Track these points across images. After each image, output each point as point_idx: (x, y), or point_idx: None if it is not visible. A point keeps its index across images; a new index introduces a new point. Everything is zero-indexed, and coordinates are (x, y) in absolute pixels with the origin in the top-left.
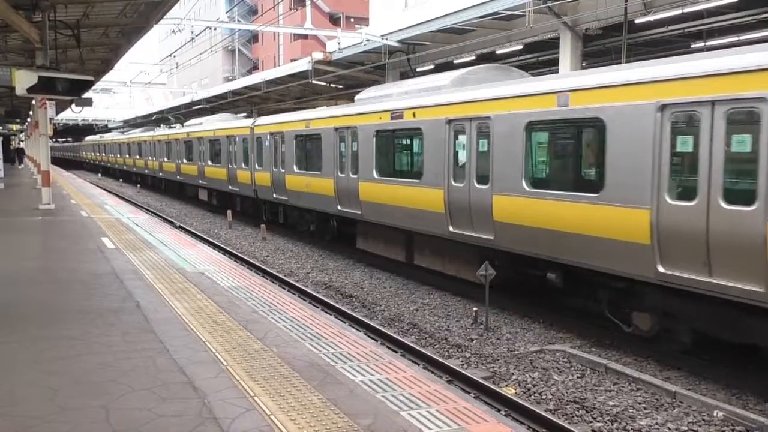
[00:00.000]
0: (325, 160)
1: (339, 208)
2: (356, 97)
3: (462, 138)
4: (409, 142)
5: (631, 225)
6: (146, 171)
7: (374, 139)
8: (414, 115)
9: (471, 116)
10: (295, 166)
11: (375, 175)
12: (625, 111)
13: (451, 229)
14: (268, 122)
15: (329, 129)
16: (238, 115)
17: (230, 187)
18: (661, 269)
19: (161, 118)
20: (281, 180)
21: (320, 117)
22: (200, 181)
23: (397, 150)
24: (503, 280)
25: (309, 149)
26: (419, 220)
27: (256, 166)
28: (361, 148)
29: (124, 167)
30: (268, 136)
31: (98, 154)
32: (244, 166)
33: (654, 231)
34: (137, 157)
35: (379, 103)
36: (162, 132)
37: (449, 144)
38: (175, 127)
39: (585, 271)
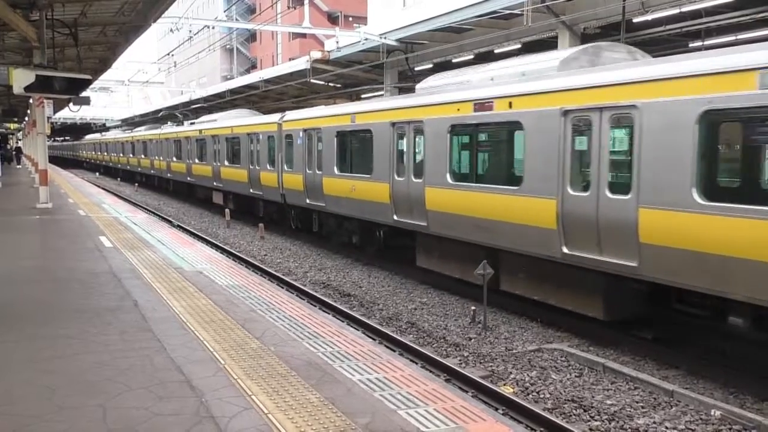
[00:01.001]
0: (378, 160)
1: (395, 217)
2: (418, 87)
3: (585, 133)
4: (501, 138)
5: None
6: (152, 171)
7: (449, 135)
8: (510, 105)
9: (603, 105)
10: (335, 168)
11: (449, 179)
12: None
13: (565, 250)
14: (300, 117)
15: (383, 124)
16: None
17: (251, 190)
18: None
19: (168, 115)
20: (317, 183)
21: (371, 110)
22: (215, 183)
23: (482, 148)
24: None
25: (355, 148)
26: (516, 238)
27: (285, 168)
28: (428, 146)
29: (128, 167)
30: (301, 133)
31: (99, 153)
32: (269, 167)
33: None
34: (142, 156)
35: (454, 92)
36: (170, 129)
37: (565, 141)
38: (182, 124)
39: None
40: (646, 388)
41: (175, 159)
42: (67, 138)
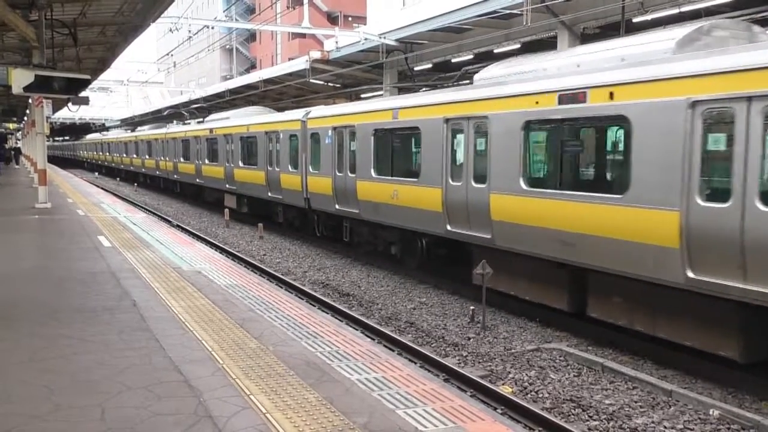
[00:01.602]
0: (427, 162)
1: (449, 227)
2: (477, 77)
3: (723, 131)
4: (596, 136)
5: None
6: (157, 173)
7: (522, 132)
8: (611, 97)
9: (754, 94)
10: (372, 171)
11: (522, 185)
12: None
13: (690, 274)
14: (328, 114)
15: (434, 121)
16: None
17: (270, 194)
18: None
19: (174, 113)
20: (349, 188)
21: (418, 105)
22: (227, 186)
23: (570, 148)
24: None
25: (397, 148)
26: (616, 256)
27: (310, 169)
28: (495, 146)
29: (131, 168)
30: (330, 132)
31: (100, 153)
32: (291, 169)
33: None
34: (146, 157)
35: (530, 82)
36: (177, 129)
37: (689, 140)
38: (189, 123)
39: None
40: (644, 387)
41: (182, 160)
42: (66, 138)
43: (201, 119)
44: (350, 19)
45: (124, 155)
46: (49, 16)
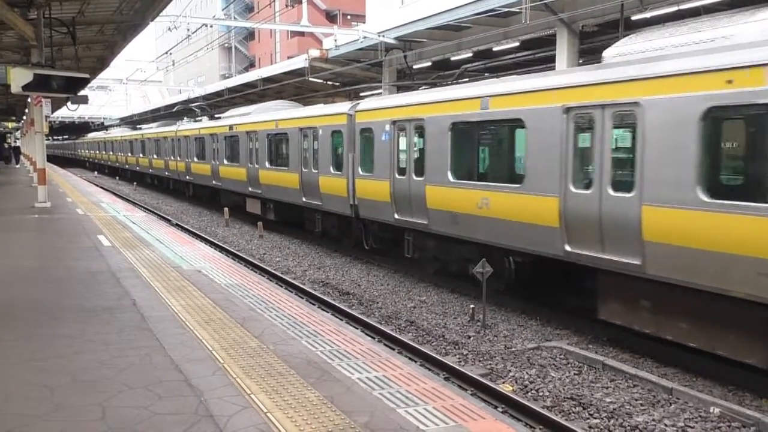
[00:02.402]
0: (536, 163)
1: (568, 247)
2: (607, 54)
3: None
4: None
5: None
6: (166, 174)
7: (700, 124)
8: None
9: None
10: (450, 173)
11: (700, 195)
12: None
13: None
14: (386, 105)
15: (548, 111)
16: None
17: (304, 199)
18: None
19: (184, 110)
20: (415, 194)
21: (522, 91)
22: (250, 189)
23: None
24: None
25: (487, 145)
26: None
27: (360, 171)
28: (651, 143)
29: (137, 168)
30: (388, 126)
31: (103, 152)
32: (333, 171)
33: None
34: (154, 156)
35: (712, 55)
36: (189, 126)
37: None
38: (200, 120)
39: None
40: (645, 385)
41: (196, 159)
42: (66, 136)
43: (216, 115)
44: (349, 17)
45: (129, 154)
46: (48, 14)
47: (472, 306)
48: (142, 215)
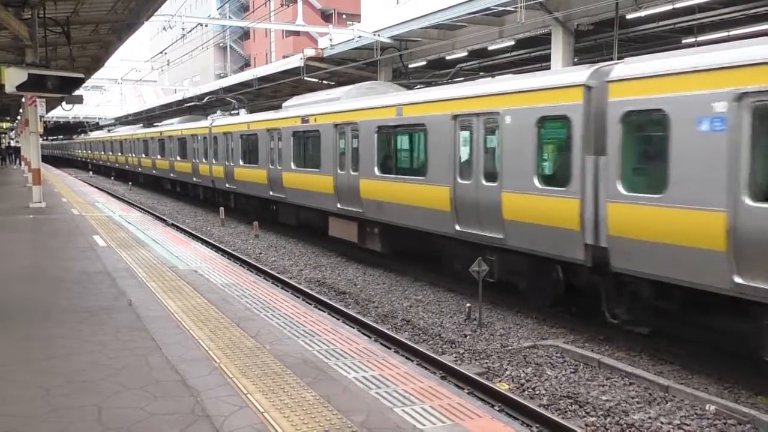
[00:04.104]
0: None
1: (458, 227)
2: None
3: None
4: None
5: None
6: (194, 180)
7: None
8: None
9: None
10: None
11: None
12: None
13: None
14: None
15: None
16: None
17: (459, 227)
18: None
19: (213, 100)
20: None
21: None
22: (340, 206)
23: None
24: None
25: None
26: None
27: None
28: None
29: (153, 172)
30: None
31: (109, 153)
32: (543, 186)
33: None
34: (177, 158)
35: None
36: (231, 120)
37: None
38: (237, 113)
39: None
40: (641, 383)
41: (242, 163)
42: (62, 136)
43: (288, 104)
44: (344, 16)
45: (143, 156)
46: (42, 14)
47: (468, 305)
48: (138, 215)
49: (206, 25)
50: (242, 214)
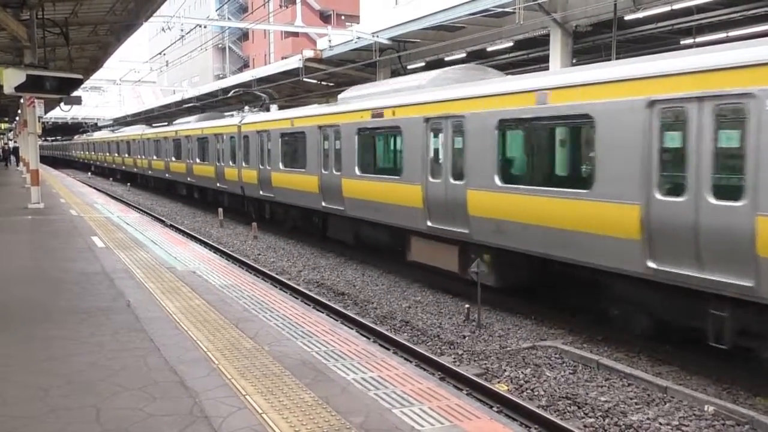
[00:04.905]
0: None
1: (429, 223)
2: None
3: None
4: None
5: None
6: (219, 185)
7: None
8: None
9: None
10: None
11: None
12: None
13: (429, 223)
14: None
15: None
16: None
17: (654, 264)
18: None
19: (241, 93)
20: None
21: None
22: (431, 224)
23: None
24: None
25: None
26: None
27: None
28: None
29: (166, 176)
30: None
31: (113, 155)
32: None
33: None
34: (196, 161)
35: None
36: (267, 117)
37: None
38: (265, 108)
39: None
40: (639, 384)
41: (282, 167)
42: (60, 137)
43: (349, 94)
44: (343, 17)
45: (153, 158)
46: (41, 15)
47: (467, 306)
48: (136, 216)
49: (205, 26)
50: (275, 225)
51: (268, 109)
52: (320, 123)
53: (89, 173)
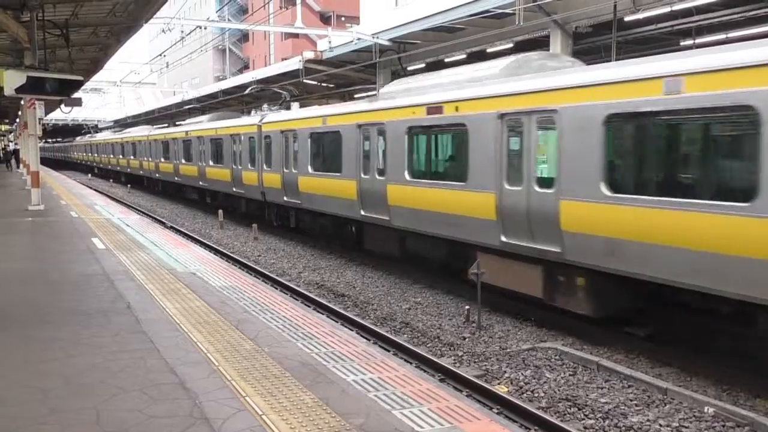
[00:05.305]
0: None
1: (363, 212)
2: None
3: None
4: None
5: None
6: (234, 190)
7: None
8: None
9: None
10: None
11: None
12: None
13: (362, 212)
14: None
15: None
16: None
17: None
18: (361, 212)
19: (259, 91)
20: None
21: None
22: (503, 239)
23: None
24: None
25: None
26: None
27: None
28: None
29: (175, 179)
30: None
31: (117, 157)
32: None
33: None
34: (209, 163)
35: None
36: (289, 115)
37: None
38: (286, 106)
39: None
40: (639, 386)
41: (312, 171)
42: (61, 138)
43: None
44: (343, 18)
45: (161, 160)
46: (41, 17)
47: (467, 307)
48: (137, 218)
49: (205, 28)
50: (274, 227)
51: (288, 108)
52: (360, 121)
53: (89, 175)
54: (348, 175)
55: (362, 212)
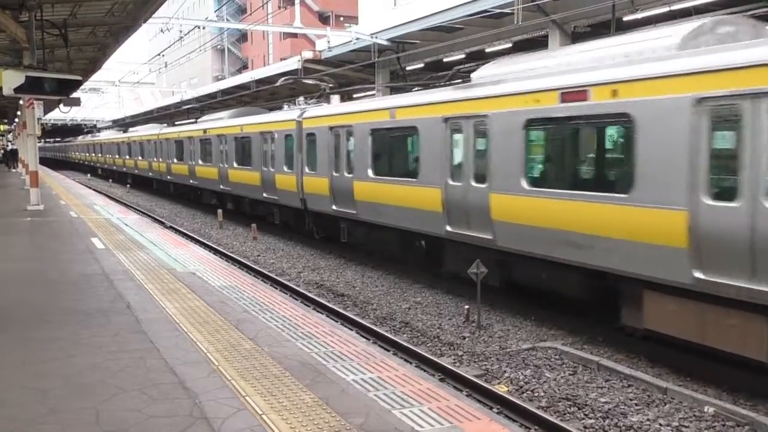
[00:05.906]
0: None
1: (334, 207)
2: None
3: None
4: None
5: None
6: (264, 195)
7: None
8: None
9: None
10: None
11: (370, 173)
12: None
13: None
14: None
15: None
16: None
17: None
18: (447, 228)
19: (291, 82)
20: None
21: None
22: (698, 275)
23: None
24: None
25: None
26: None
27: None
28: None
29: (190, 182)
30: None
31: (123, 157)
32: None
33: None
34: (233, 165)
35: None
36: (339, 109)
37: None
38: (325, 99)
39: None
40: (639, 385)
41: (372, 175)
42: (59, 138)
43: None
44: (342, 18)
45: (174, 161)
46: (40, 17)
47: (467, 307)
48: (136, 218)
49: (204, 28)
50: (274, 226)
51: (328, 101)
52: (447, 113)
53: (88, 175)
54: (428, 181)
55: (448, 227)
